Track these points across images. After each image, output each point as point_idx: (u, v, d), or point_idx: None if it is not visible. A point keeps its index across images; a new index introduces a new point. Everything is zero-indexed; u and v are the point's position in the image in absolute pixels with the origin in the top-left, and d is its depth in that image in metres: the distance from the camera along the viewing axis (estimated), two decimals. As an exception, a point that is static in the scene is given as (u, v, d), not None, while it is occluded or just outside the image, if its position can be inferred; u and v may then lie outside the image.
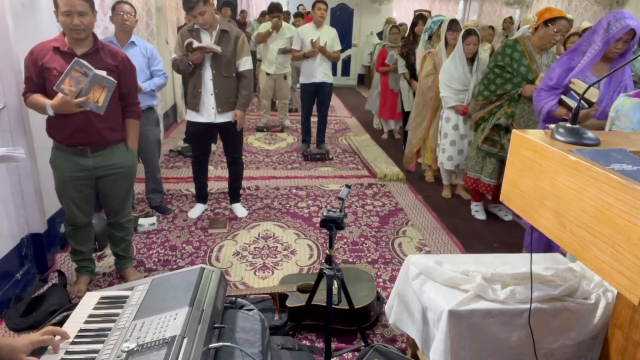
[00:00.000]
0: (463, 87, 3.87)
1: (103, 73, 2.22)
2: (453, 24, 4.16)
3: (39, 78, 2.26)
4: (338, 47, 5.17)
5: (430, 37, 4.71)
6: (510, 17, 8.56)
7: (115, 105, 2.41)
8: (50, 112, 2.23)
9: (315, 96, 5.28)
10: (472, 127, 3.86)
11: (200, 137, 3.53)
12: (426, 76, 4.38)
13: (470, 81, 3.85)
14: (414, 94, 5.08)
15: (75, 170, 2.41)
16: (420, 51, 4.76)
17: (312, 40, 4.98)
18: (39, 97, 2.26)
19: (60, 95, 2.17)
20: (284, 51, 5.97)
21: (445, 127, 4.07)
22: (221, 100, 3.33)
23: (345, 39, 10.92)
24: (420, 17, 5.23)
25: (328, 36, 5.08)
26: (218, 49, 3.19)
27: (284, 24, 6.09)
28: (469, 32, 3.83)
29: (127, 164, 2.55)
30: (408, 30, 5.31)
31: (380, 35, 7.56)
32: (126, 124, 2.54)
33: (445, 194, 4.36)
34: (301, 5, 9.22)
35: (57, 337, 1.24)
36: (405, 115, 5.46)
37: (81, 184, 2.46)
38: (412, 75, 5.08)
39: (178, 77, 6.09)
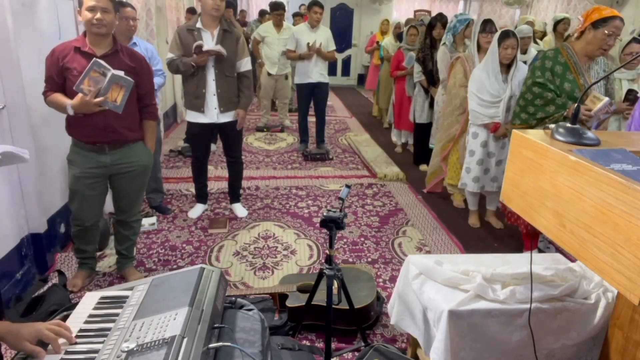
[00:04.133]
0: (495, 99, 3.30)
1: (121, 73, 2.27)
2: (487, 25, 3.60)
3: (59, 78, 2.32)
4: (333, 47, 5.18)
5: (454, 39, 4.21)
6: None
7: (133, 105, 2.47)
8: (71, 112, 2.29)
9: (312, 96, 5.28)
10: (504, 146, 3.41)
11: (201, 137, 3.53)
12: (456, 86, 3.77)
13: (505, 91, 3.28)
14: (430, 104, 4.70)
15: (91, 166, 2.45)
16: (443, 54, 4.21)
17: (308, 43, 4.97)
18: (59, 97, 2.32)
19: (80, 95, 2.23)
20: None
21: (472, 144, 3.49)
22: (223, 100, 3.33)
23: (345, 39, 10.93)
24: (438, 19, 4.65)
25: (323, 37, 5.08)
26: (224, 51, 3.19)
27: (285, 23, 6.09)
28: (507, 35, 3.24)
29: (143, 161, 2.59)
30: (424, 33, 4.75)
31: (399, 36, 6.55)
32: (143, 125, 2.59)
33: (473, 222, 3.76)
34: (303, 5, 9.22)
35: (62, 340, 1.24)
36: (418, 128, 4.96)
37: (95, 182, 2.49)
38: (431, 82, 4.64)
39: (178, 77, 6.08)
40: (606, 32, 2.56)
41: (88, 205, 2.54)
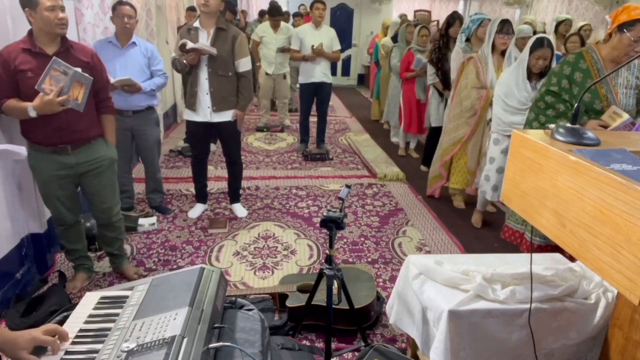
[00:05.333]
0: (522, 106, 3.03)
1: (78, 70, 2.23)
2: (505, 26, 3.41)
3: (12, 82, 2.23)
4: (337, 47, 5.15)
5: (468, 39, 4.03)
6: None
7: (90, 102, 2.41)
8: (33, 114, 2.19)
9: (315, 96, 5.28)
10: None
11: (198, 136, 3.53)
12: (468, 88, 3.58)
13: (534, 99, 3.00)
14: (445, 106, 4.43)
15: (57, 169, 2.40)
16: (456, 55, 4.08)
17: (312, 45, 4.95)
18: (15, 102, 2.23)
19: (40, 95, 2.15)
20: (282, 50, 5.98)
21: (492, 150, 3.27)
22: (216, 99, 3.31)
23: (345, 39, 10.92)
24: (456, 17, 4.46)
25: (327, 36, 5.06)
26: (213, 50, 3.15)
27: (282, 24, 6.11)
28: (541, 43, 2.93)
29: (107, 156, 2.55)
30: (439, 33, 4.53)
31: (396, 38, 6.23)
32: (102, 120, 2.56)
33: (476, 220, 3.70)
34: (302, 5, 9.23)
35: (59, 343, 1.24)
36: (432, 132, 4.74)
37: (65, 183, 2.46)
38: (446, 85, 4.43)
39: (178, 77, 6.09)
40: (633, 38, 2.21)
41: (64, 206, 2.51)
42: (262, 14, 7.97)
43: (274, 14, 5.94)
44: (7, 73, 2.22)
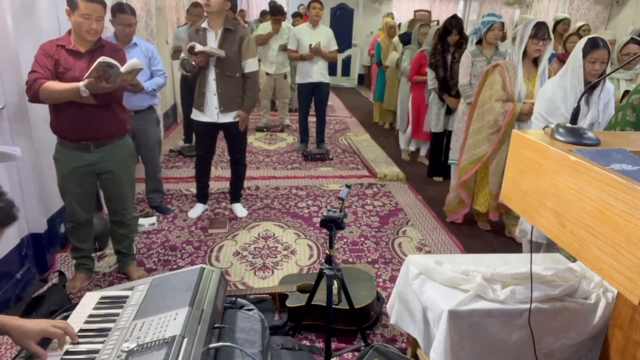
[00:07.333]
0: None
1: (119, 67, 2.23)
2: (540, 30, 2.97)
3: (52, 68, 2.29)
4: (334, 47, 5.15)
5: (480, 41, 3.81)
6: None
7: (118, 100, 2.47)
8: (85, 93, 2.24)
9: (313, 96, 5.28)
10: None
11: (204, 136, 3.54)
12: (491, 100, 3.20)
13: (586, 117, 2.52)
14: (447, 112, 4.43)
15: (77, 165, 2.45)
16: (465, 59, 3.84)
17: (310, 45, 4.95)
18: (59, 83, 2.28)
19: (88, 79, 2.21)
20: (284, 48, 5.98)
21: None
22: (223, 99, 3.33)
23: (345, 39, 10.92)
24: (454, 24, 4.21)
25: (324, 36, 5.06)
26: (221, 53, 3.18)
27: (283, 24, 6.12)
28: (596, 44, 2.42)
29: (127, 154, 2.60)
30: (437, 38, 4.41)
31: (408, 37, 5.93)
32: None
33: None
34: (302, 5, 9.23)
35: (67, 338, 1.25)
36: (434, 139, 4.61)
37: (83, 180, 2.50)
38: (445, 89, 4.33)
39: (178, 77, 6.09)
40: None
41: (79, 203, 2.55)
42: (263, 14, 7.98)
43: (275, 13, 5.95)
44: (50, 61, 2.30)
